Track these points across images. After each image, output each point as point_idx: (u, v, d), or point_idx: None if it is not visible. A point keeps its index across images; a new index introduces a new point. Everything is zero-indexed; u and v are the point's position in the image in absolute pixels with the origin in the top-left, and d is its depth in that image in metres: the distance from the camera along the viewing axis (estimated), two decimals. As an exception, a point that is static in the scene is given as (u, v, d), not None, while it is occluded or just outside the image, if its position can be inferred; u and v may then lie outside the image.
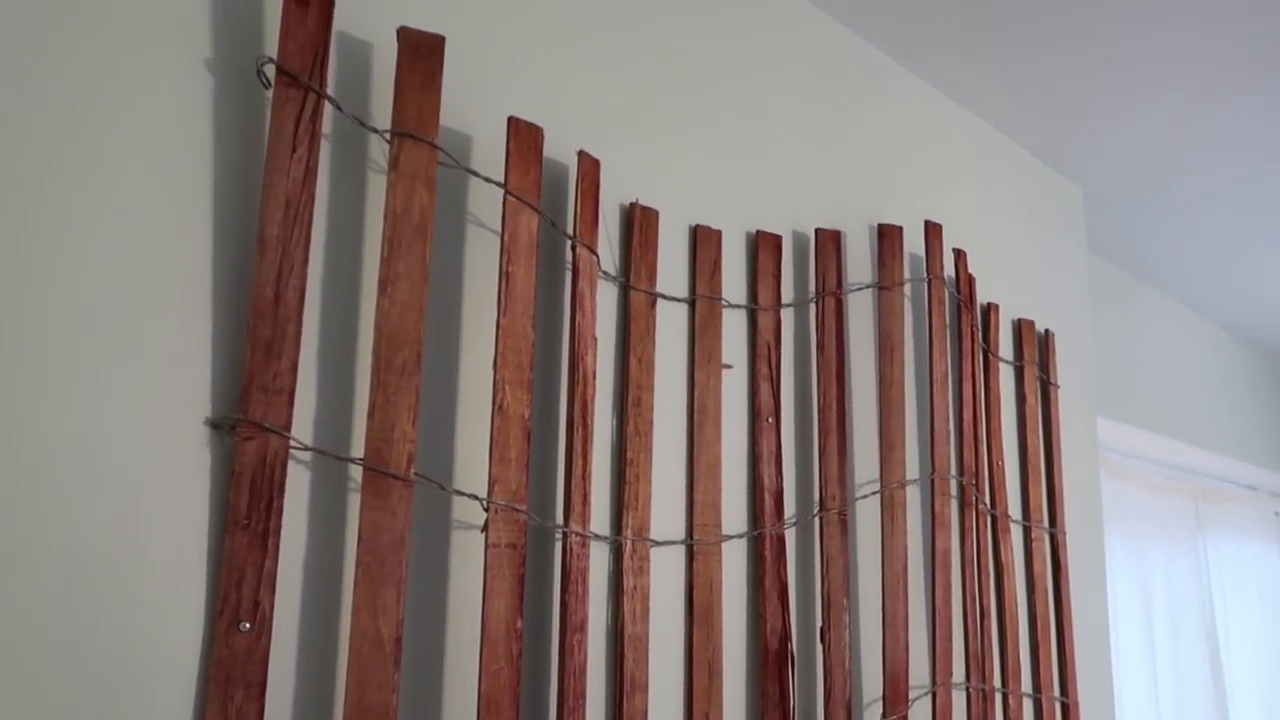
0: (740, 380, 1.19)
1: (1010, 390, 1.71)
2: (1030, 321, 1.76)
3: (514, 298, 0.89)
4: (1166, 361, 2.71)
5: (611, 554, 1.01)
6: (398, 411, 0.80)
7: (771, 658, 1.13)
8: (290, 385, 0.75)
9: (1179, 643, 2.74)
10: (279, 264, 0.76)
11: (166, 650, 0.70)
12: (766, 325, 1.22)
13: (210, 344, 0.75)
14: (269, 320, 0.75)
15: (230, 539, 0.72)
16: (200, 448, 0.74)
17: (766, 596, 1.14)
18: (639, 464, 1.03)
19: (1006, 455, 1.67)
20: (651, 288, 1.08)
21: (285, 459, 0.75)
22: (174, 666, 0.70)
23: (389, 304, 0.81)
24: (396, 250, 0.82)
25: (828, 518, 1.22)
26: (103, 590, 0.68)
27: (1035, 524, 1.68)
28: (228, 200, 0.77)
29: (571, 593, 0.91)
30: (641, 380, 1.05)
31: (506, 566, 0.84)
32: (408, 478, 0.79)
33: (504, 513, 0.85)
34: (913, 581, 1.39)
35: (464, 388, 0.90)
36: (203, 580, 0.72)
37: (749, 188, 1.25)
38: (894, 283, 1.36)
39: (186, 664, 0.71)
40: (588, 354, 0.97)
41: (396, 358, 0.81)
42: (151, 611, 0.70)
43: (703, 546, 1.09)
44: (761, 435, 1.18)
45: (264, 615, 0.72)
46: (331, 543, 0.80)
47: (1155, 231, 2.30)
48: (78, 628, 0.66)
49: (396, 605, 0.77)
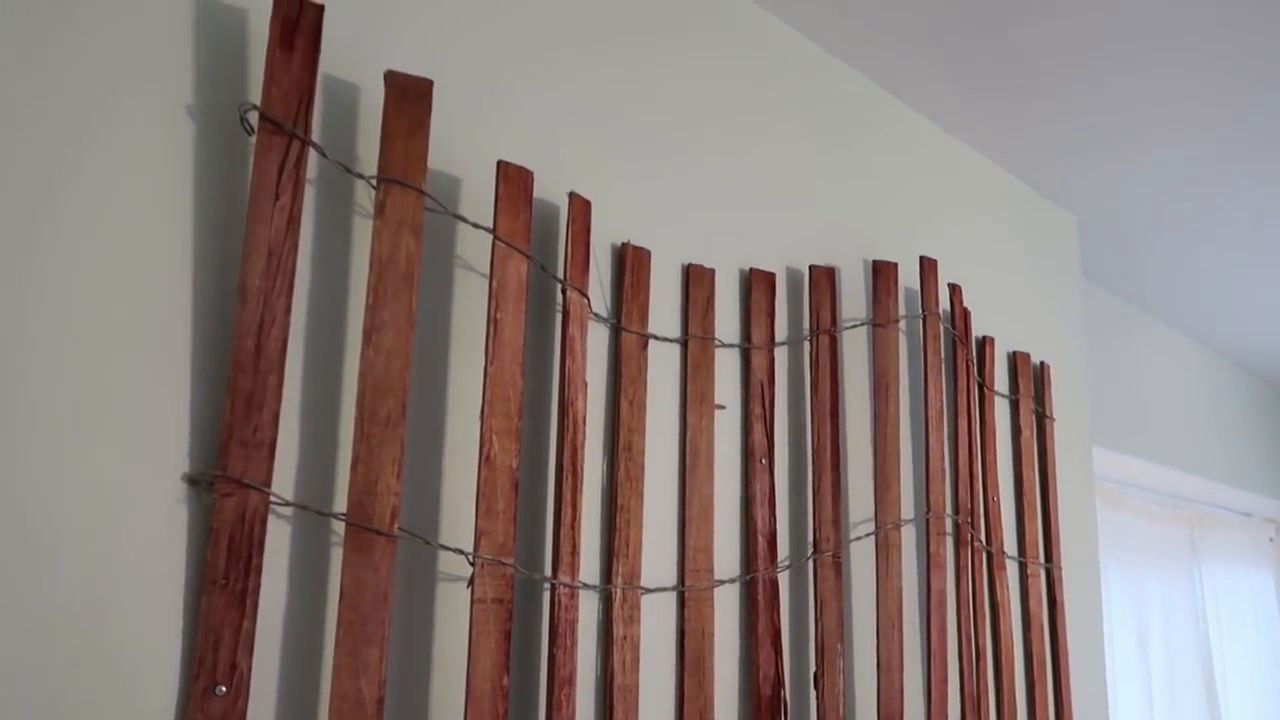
0: (733, 420, 1.17)
1: (1005, 424, 1.70)
2: (1025, 354, 1.75)
3: (502, 344, 0.87)
4: (1161, 388, 2.71)
5: (601, 603, 0.99)
6: (381, 464, 0.78)
7: (764, 705, 1.11)
8: (271, 439, 0.73)
9: (1174, 670, 2.72)
10: (260, 315, 0.74)
11: (139, 715, 0.68)
12: (760, 364, 1.20)
13: (189, 397, 0.73)
14: (249, 372, 0.73)
15: (207, 599, 0.70)
16: (177, 504, 0.71)
17: (759, 642, 1.12)
18: (629, 509, 1.01)
19: (1001, 490, 1.65)
20: (643, 329, 1.07)
21: (265, 515, 0.73)
22: (147, 733, 0.68)
23: (374, 353, 0.79)
24: (382, 298, 0.80)
25: (821, 560, 1.20)
26: (73, 652, 0.66)
27: (1031, 560, 1.66)
28: (208, 249, 0.75)
29: (560, 645, 0.89)
30: (633, 423, 1.04)
31: (492, 622, 0.82)
32: (391, 533, 0.77)
33: (490, 566, 0.83)
34: (907, 621, 1.37)
35: (450, 437, 0.88)
36: (178, 642, 0.70)
37: (741, 224, 1.24)
38: (889, 320, 1.34)
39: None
40: (578, 399, 0.95)
41: (381, 408, 0.79)
42: (124, 675, 0.67)
43: (694, 592, 1.07)
44: (755, 476, 1.17)
45: (241, 678, 0.70)
46: (312, 600, 0.77)
47: (1150, 259, 2.29)
48: (47, 691, 0.64)
49: (379, 665, 0.75)
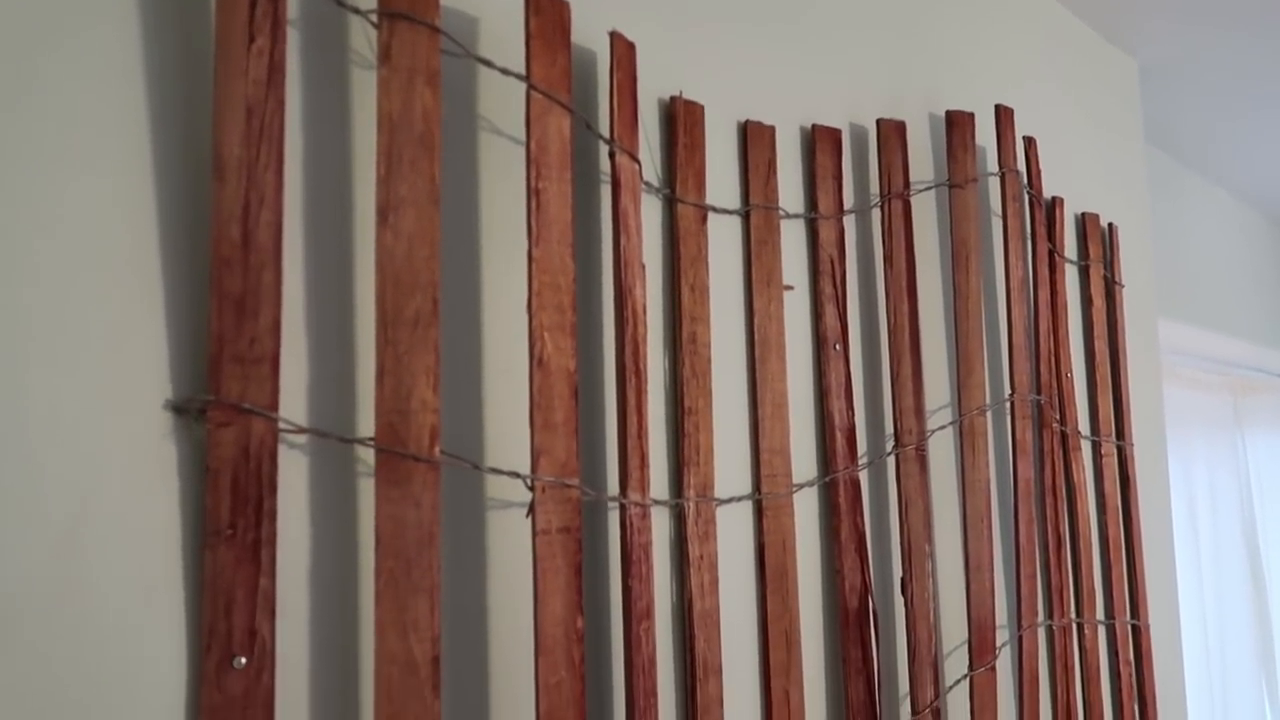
0: (801, 302, 1.02)
1: (1074, 292, 1.55)
2: (1095, 215, 1.58)
3: (547, 222, 0.71)
4: (1203, 250, 2.55)
5: (673, 520, 0.85)
6: (413, 375, 0.63)
7: (851, 618, 0.99)
8: (273, 351, 0.58)
9: (1219, 540, 2.65)
10: (244, 194, 0.57)
11: (140, 703, 0.54)
12: (829, 237, 1.04)
13: (163, 305, 0.57)
14: (237, 269, 0.57)
15: (211, 554, 0.56)
16: (162, 440, 0.56)
17: (843, 549, 0.99)
18: (698, 411, 0.87)
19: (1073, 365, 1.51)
20: (701, 200, 0.90)
21: (274, 447, 0.58)
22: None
23: (392, 238, 0.63)
24: (396, 168, 0.63)
25: (904, 454, 1.07)
26: (50, 633, 0.52)
27: (1104, 438, 1.54)
28: (170, 114, 0.58)
29: (635, 575, 0.76)
30: (696, 312, 0.88)
31: (560, 556, 0.68)
32: (432, 458, 0.63)
33: (553, 490, 0.69)
34: (991, 516, 1.25)
35: (490, 339, 0.73)
36: (181, 609, 0.56)
37: (799, 74, 1.06)
38: (967, 179, 1.17)
39: (169, 718, 0.55)
40: (636, 286, 0.79)
41: (407, 306, 0.63)
42: (116, 655, 0.54)
43: (772, 500, 0.93)
44: (829, 365, 1.02)
45: (264, 647, 0.57)
46: (343, 548, 0.63)
47: (1204, 112, 2.10)
48: (21, 684, 0.50)
49: (431, 619, 0.61)
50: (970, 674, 1.10)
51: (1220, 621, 2.57)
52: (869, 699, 0.98)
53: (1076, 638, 1.39)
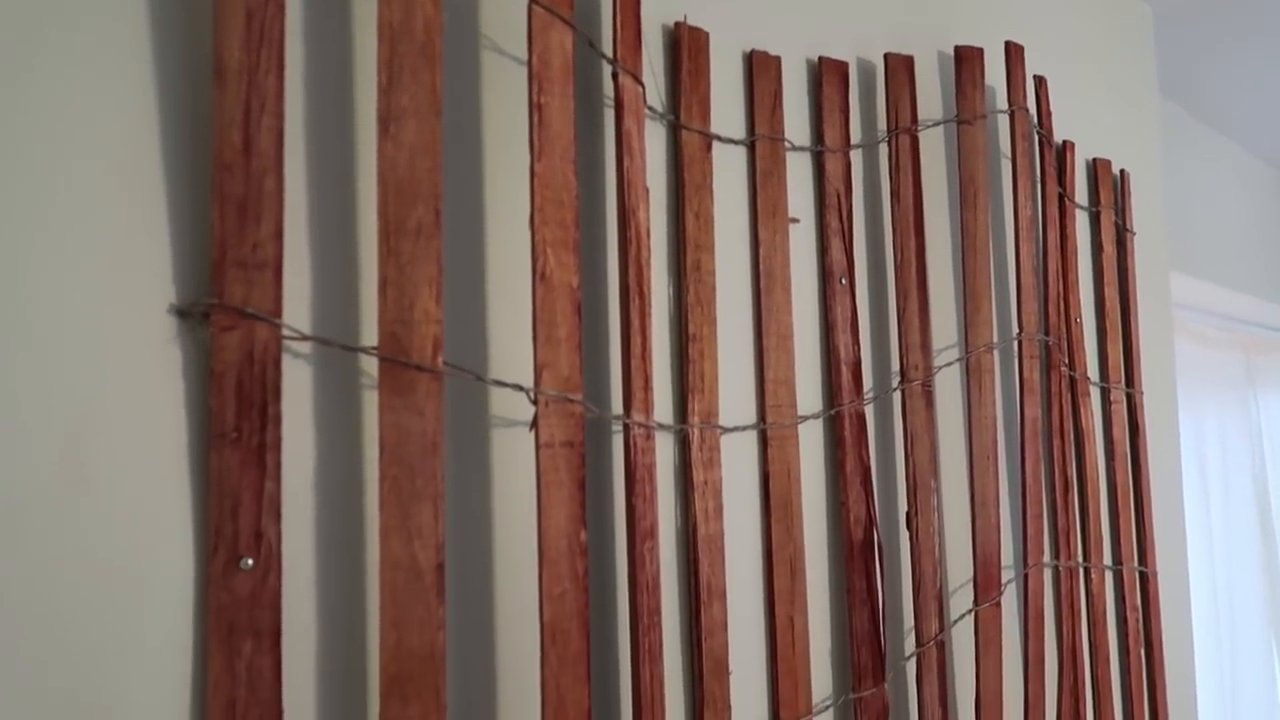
0: (808, 236, 1.02)
1: (1084, 238, 1.54)
2: (1106, 161, 1.56)
3: (550, 137, 0.71)
4: (1216, 205, 2.52)
5: (677, 445, 0.86)
6: (416, 285, 0.63)
7: (856, 550, 0.99)
8: (275, 257, 0.58)
9: (1230, 497, 2.64)
10: (246, 99, 0.57)
11: (149, 604, 0.55)
12: (835, 170, 1.03)
13: (167, 211, 0.57)
14: (239, 174, 0.57)
15: (217, 457, 0.56)
16: (167, 345, 0.57)
17: (848, 482, 1.00)
18: (703, 339, 0.87)
19: (1083, 310, 1.51)
20: (706, 127, 0.89)
21: (278, 354, 0.58)
22: (161, 623, 0.55)
23: (394, 148, 0.63)
24: (397, 78, 0.63)
25: (910, 390, 1.07)
26: (60, 529, 0.52)
27: (1113, 384, 1.53)
28: (172, 18, 0.58)
29: (639, 494, 0.76)
30: (700, 239, 0.88)
31: (563, 470, 0.69)
32: (435, 368, 0.63)
33: (556, 405, 0.69)
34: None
35: (494, 253, 0.73)
36: (189, 511, 0.57)
37: (805, 5, 1.05)
38: (976, 115, 1.16)
39: (177, 618, 0.56)
40: (639, 208, 0.79)
41: (409, 217, 0.63)
42: (126, 553, 0.54)
43: (777, 430, 0.93)
44: (835, 299, 1.02)
45: (269, 548, 0.57)
46: (347, 455, 0.64)
47: (1218, 63, 2.07)
48: (32, 580, 0.51)
49: (435, 526, 0.62)
50: (975, 609, 1.11)
51: (1230, 580, 2.57)
52: (873, 630, 0.99)
53: (1083, 582, 1.39)
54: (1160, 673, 1.54)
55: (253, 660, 0.57)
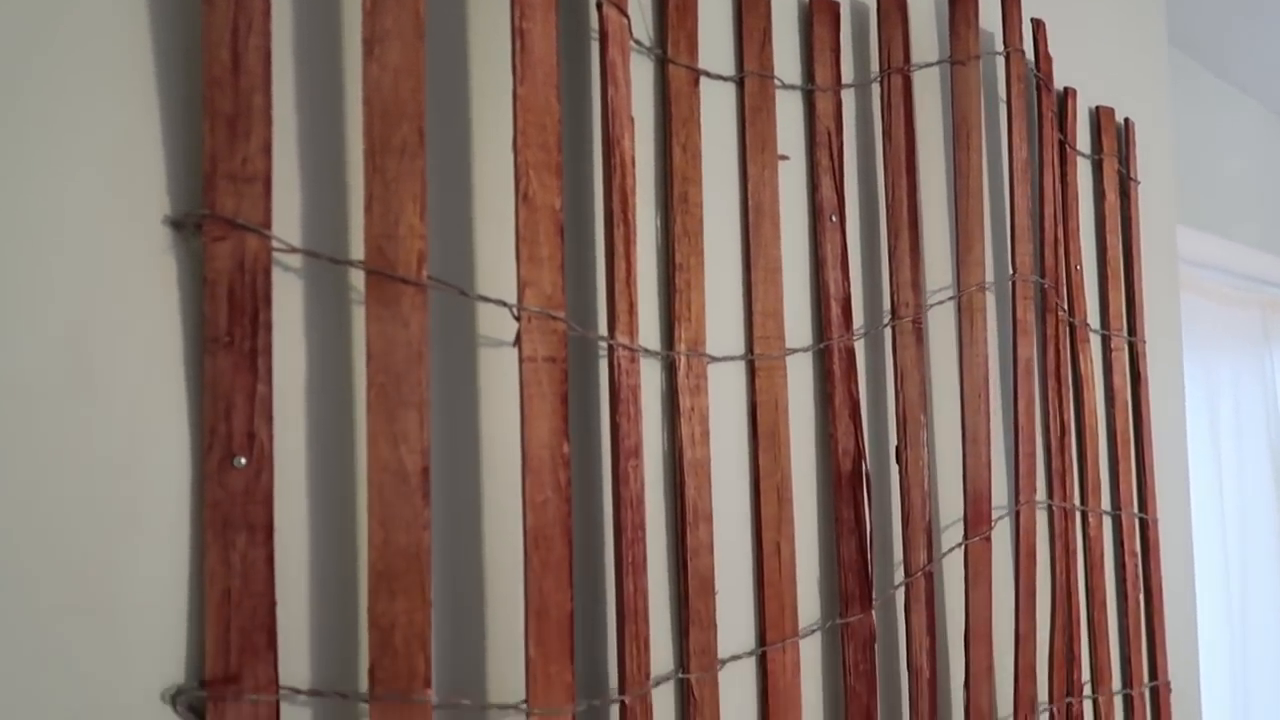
0: (798, 173, 1.03)
1: (1087, 187, 1.54)
2: (1110, 109, 1.56)
3: (532, 62, 0.73)
4: (1235, 161, 2.50)
5: (664, 371, 0.88)
6: (401, 202, 0.66)
7: (844, 481, 1.02)
8: (264, 171, 0.61)
9: (1244, 456, 2.64)
10: (233, 18, 0.60)
11: (148, 499, 0.58)
12: (826, 109, 1.04)
13: (160, 125, 0.60)
14: (228, 90, 0.60)
15: (211, 360, 0.59)
16: (163, 254, 0.60)
17: (837, 415, 1.02)
18: (689, 268, 0.89)
19: (1084, 258, 1.51)
20: (693, 62, 0.91)
21: (268, 263, 0.61)
22: (160, 517, 0.59)
23: (379, 69, 0.65)
24: (382, 1, 0.66)
25: (901, 327, 1.09)
26: (60, 428, 0.56)
27: (1115, 333, 1.54)
28: (162, -59, 0.61)
29: (622, 414, 0.79)
30: (687, 171, 0.90)
31: (546, 383, 0.72)
32: (420, 281, 0.66)
33: (539, 320, 0.72)
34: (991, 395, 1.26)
35: (479, 176, 0.75)
36: (185, 412, 0.60)
37: (798, -55, 1.06)
38: (969, 56, 1.17)
39: (175, 512, 0.59)
40: (624, 136, 0.81)
41: (394, 136, 0.66)
42: (124, 452, 0.58)
43: (765, 361, 0.96)
44: (825, 235, 1.03)
45: (262, 448, 0.61)
46: (336, 364, 0.67)
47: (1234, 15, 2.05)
48: (35, 477, 0.55)
49: (420, 431, 0.65)
50: (965, 542, 1.13)
51: (1241, 535, 2.58)
52: (861, 559, 1.01)
53: (1081, 526, 1.41)
54: (1160, 619, 1.56)
55: (246, 552, 0.60)
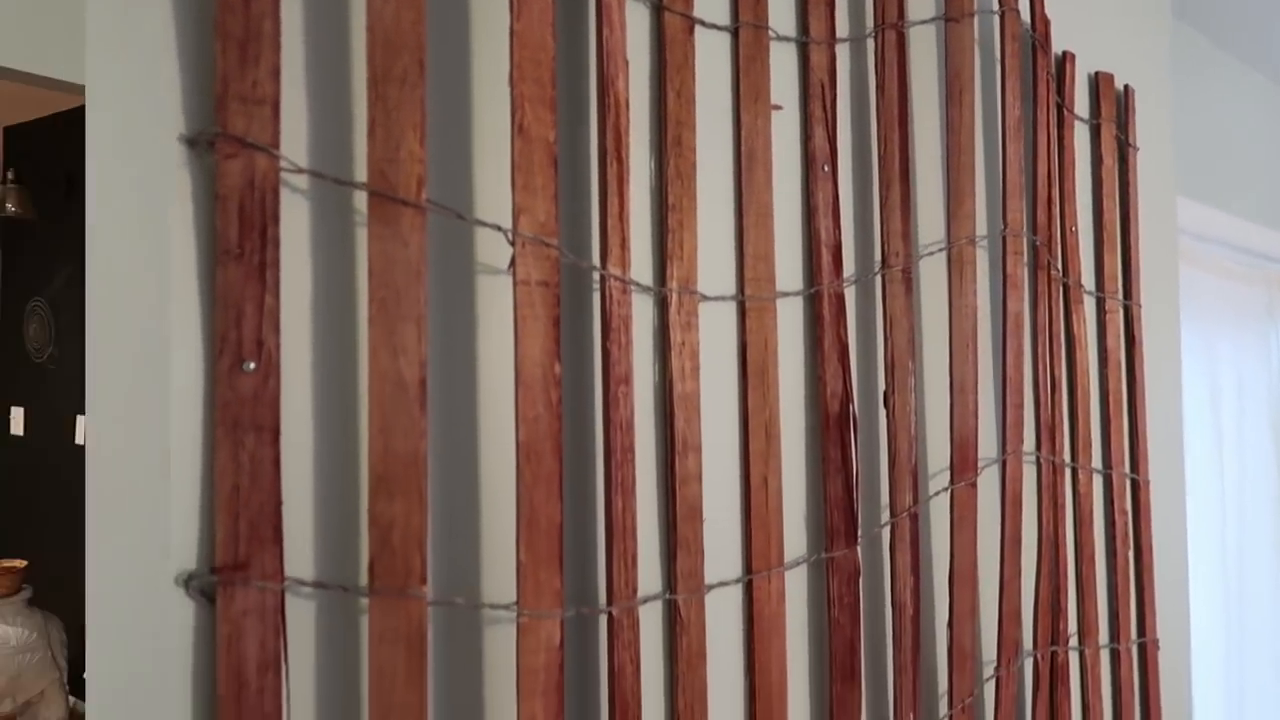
0: (791, 124, 1.06)
1: (1085, 151, 1.56)
2: (1109, 74, 1.58)
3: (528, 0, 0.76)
4: (1244, 137, 2.50)
5: (656, 306, 0.92)
6: (402, 129, 0.69)
7: (832, 421, 1.05)
8: (273, 94, 0.65)
9: (1244, 431, 2.66)
10: (245, -52, 0.64)
11: (163, 394, 0.63)
12: (820, 62, 1.07)
13: (175, 49, 0.64)
14: (239, 14, 0.64)
15: (222, 271, 0.63)
16: (178, 169, 0.64)
17: (825, 358, 1.05)
18: (682, 209, 0.93)
19: (1080, 221, 1.54)
20: (688, 10, 0.94)
21: (276, 183, 0.65)
22: (174, 416, 0.63)
23: (382, 1, 0.69)
24: (385, -63, 0.69)
25: (890, 275, 1.12)
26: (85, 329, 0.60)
27: (1109, 295, 1.56)
28: (178, -125, 0.64)
29: (614, 341, 0.83)
30: (681, 116, 0.93)
31: (539, 305, 0.75)
32: (419, 203, 0.69)
33: (532, 246, 0.75)
34: (981, 345, 1.29)
35: (477, 108, 0.79)
36: (198, 319, 0.64)
37: (795, -99, 1.08)
38: (963, 13, 1.20)
39: (189, 412, 0.64)
40: (619, 77, 0.85)
41: (395, 65, 0.69)
42: (140, 358, 0.62)
43: (755, 303, 0.99)
44: (817, 185, 1.07)
45: (269, 355, 0.65)
46: (340, 279, 0.71)
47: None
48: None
49: (418, 344, 0.69)
50: (951, 487, 1.17)
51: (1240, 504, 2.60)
52: (847, 498, 1.05)
53: (1071, 482, 1.44)
54: (1150, 576, 1.59)
55: (255, 451, 0.64)
